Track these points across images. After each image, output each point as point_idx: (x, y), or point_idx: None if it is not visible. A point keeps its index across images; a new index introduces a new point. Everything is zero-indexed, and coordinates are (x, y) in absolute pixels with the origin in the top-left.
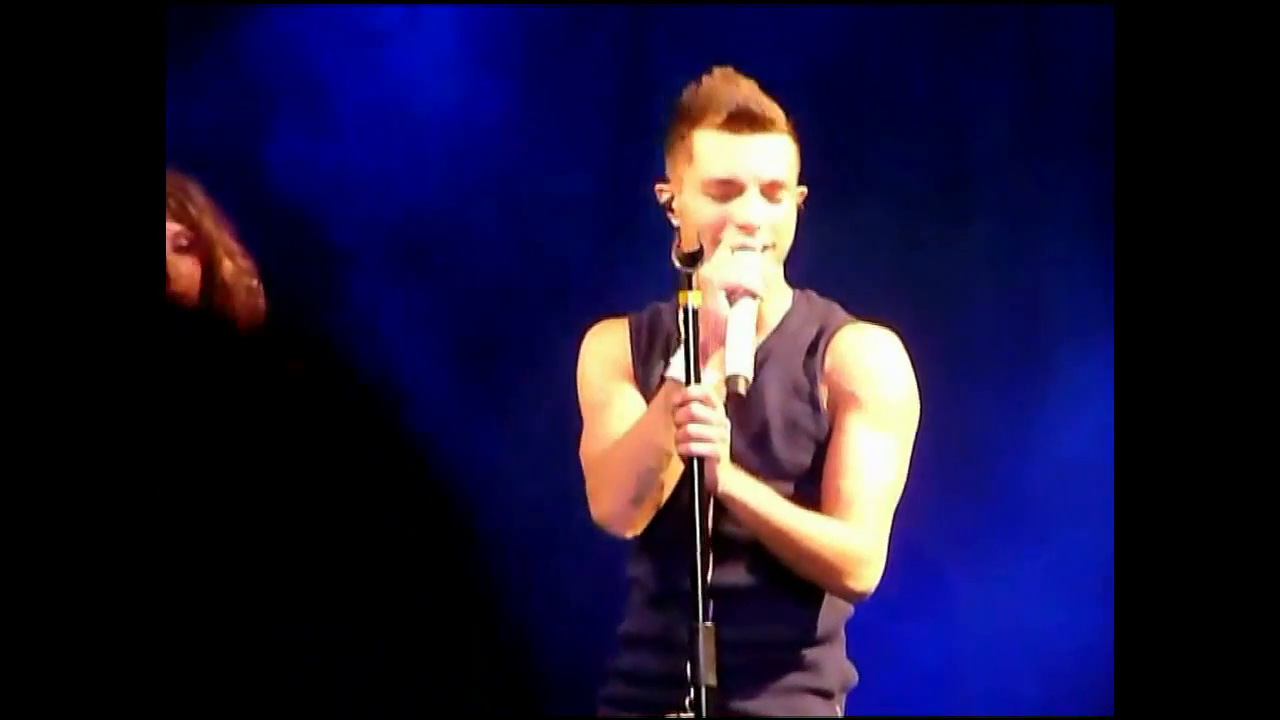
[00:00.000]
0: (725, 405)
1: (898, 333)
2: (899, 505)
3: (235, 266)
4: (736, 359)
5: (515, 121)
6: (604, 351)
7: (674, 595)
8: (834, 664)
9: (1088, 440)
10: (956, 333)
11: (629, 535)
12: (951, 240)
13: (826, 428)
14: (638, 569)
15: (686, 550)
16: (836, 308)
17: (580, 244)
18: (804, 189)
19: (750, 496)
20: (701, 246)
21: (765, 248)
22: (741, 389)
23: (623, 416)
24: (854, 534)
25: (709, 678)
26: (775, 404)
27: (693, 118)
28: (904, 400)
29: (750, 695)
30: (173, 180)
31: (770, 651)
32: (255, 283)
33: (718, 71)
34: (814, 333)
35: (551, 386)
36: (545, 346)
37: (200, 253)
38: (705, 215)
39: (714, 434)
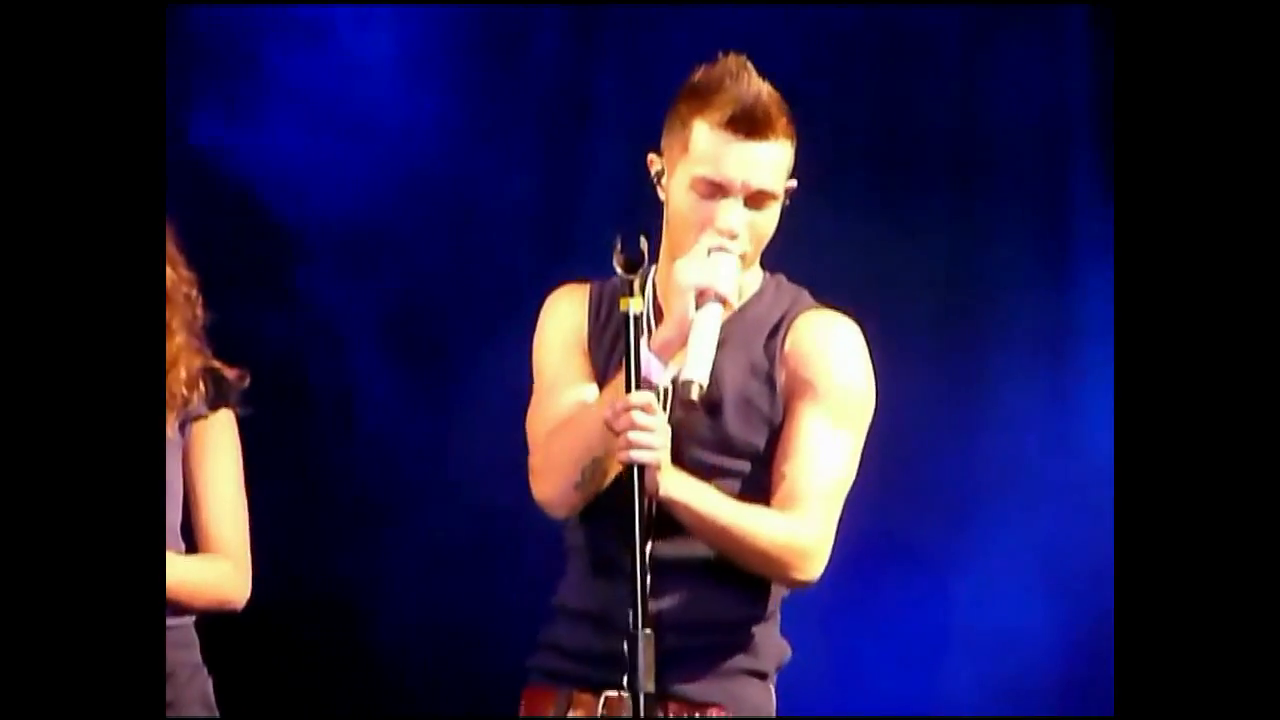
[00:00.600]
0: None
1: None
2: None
3: (175, 275)
4: (694, 365)
5: (457, 122)
6: (560, 321)
7: (612, 567)
8: (772, 643)
9: (1032, 440)
10: (896, 333)
11: (565, 517)
12: (901, 241)
13: (781, 410)
14: (575, 538)
15: (626, 532)
16: (805, 293)
17: (521, 245)
18: (793, 182)
19: (692, 498)
20: (643, 254)
21: (742, 254)
22: (694, 395)
23: (574, 394)
24: (799, 525)
25: (647, 685)
26: (731, 381)
27: (696, 104)
28: (860, 391)
29: (690, 679)
30: None
31: (712, 632)
32: (194, 292)
33: (732, 59)
34: (778, 315)
35: (494, 385)
36: (486, 348)
37: None
38: (688, 210)
39: (654, 441)
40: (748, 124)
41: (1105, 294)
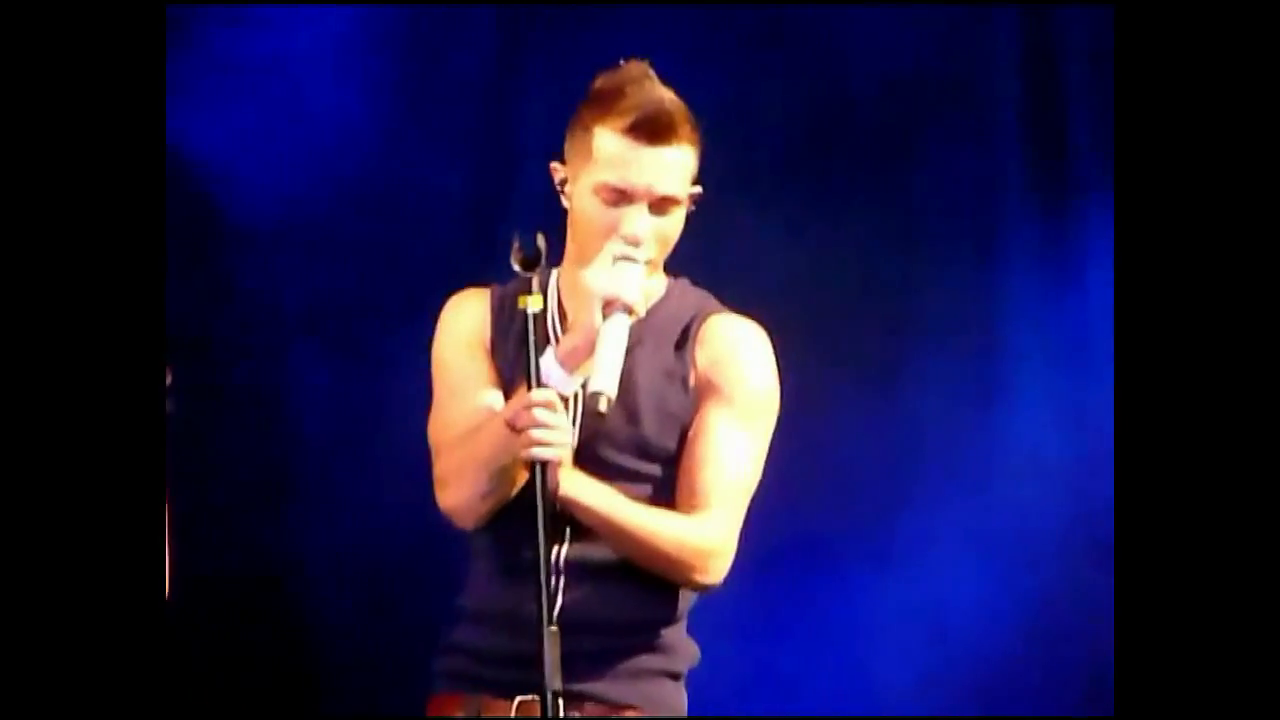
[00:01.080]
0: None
1: (765, 327)
2: (765, 508)
3: None
4: (601, 376)
5: (387, 120)
6: (462, 325)
7: (523, 567)
8: (684, 644)
9: (957, 432)
10: (823, 334)
11: (471, 526)
12: (826, 242)
13: (691, 413)
14: (483, 540)
15: (530, 530)
16: (710, 297)
17: (451, 243)
18: (698, 188)
19: (592, 499)
20: (539, 251)
21: (648, 260)
22: (603, 407)
23: (479, 398)
24: (701, 527)
25: (555, 682)
26: (647, 385)
27: (598, 111)
28: (765, 393)
29: (606, 680)
30: None
31: (627, 633)
32: None
33: (634, 65)
34: (687, 319)
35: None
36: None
37: None
38: (593, 217)
39: (556, 438)
40: (651, 130)
41: (1032, 289)
